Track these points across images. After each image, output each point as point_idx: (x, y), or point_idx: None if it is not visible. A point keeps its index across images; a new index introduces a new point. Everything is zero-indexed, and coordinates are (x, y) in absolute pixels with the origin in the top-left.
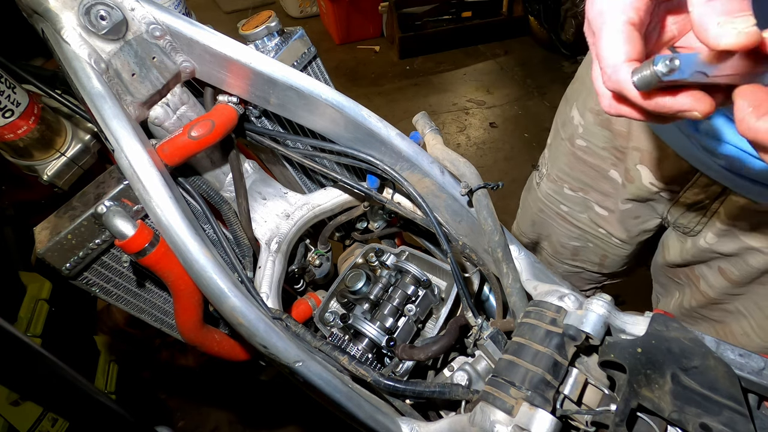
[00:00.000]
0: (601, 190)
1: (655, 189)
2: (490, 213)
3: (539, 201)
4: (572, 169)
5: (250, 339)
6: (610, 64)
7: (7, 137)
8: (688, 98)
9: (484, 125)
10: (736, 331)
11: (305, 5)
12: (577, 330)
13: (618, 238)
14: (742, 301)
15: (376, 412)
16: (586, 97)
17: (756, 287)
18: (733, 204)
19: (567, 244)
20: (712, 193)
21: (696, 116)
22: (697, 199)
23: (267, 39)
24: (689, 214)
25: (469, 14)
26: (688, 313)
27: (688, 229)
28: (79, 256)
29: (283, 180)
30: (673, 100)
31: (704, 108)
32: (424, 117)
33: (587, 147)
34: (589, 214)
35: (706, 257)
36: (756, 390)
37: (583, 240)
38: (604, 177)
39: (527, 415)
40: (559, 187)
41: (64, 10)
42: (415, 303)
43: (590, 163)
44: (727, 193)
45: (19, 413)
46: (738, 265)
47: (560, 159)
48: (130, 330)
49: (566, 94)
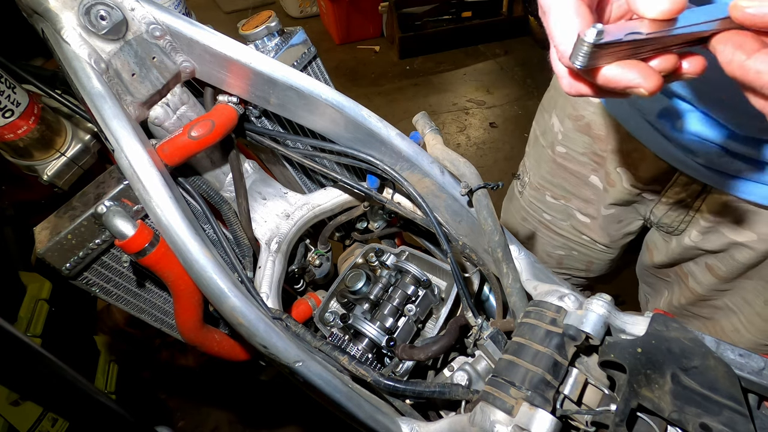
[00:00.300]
0: (583, 197)
1: (637, 191)
2: (490, 213)
3: (522, 210)
4: (554, 176)
5: (250, 339)
6: (561, 41)
7: (7, 137)
8: (635, 73)
9: (484, 125)
10: (726, 327)
11: (305, 5)
12: (577, 330)
13: (602, 244)
14: (730, 296)
15: (376, 412)
16: (563, 104)
17: (743, 282)
18: (715, 201)
19: (552, 253)
20: (694, 191)
21: (642, 93)
22: (678, 198)
23: (267, 39)
24: (672, 213)
25: (469, 14)
26: (677, 311)
27: (672, 228)
28: (79, 256)
29: (283, 180)
30: (620, 73)
31: (650, 85)
32: (424, 117)
33: (567, 153)
34: (572, 222)
35: (693, 255)
36: (756, 390)
37: (567, 248)
38: (585, 183)
39: (527, 415)
40: (541, 195)
41: (64, 10)
42: (415, 303)
43: (571, 170)
44: (709, 190)
45: (19, 413)
46: (724, 260)
47: (542, 167)
48: (130, 330)
49: (542, 102)
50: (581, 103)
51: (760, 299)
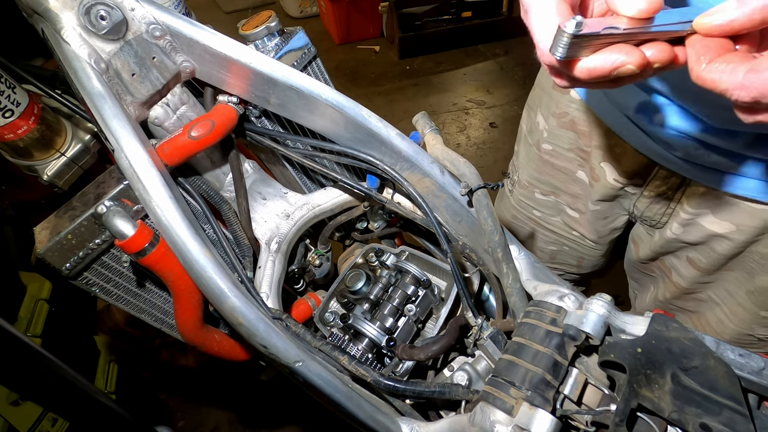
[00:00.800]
0: (571, 192)
1: (620, 185)
2: (490, 213)
3: (512, 208)
4: (541, 173)
5: (250, 339)
6: (542, 38)
7: (7, 137)
8: (617, 53)
9: (484, 125)
10: (711, 319)
11: (305, 5)
12: (577, 330)
13: (590, 240)
14: (713, 288)
15: (376, 412)
16: (548, 102)
17: (725, 274)
18: (694, 193)
19: (545, 249)
20: (673, 184)
21: (632, 69)
22: (659, 191)
23: (267, 39)
24: (654, 206)
25: (469, 14)
26: (663, 305)
27: (655, 221)
28: (79, 256)
29: (283, 180)
30: (603, 58)
31: (636, 59)
32: (424, 117)
33: (553, 150)
34: (562, 217)
35: (674, 248)
36: (756, 390)
37: (559, 244)
38: (572, 179)
39: (527, 415)
40: (530, 193)
41: (64, 10)
42: (415, 303)
43: (558, 166)
44: (688, 183)
45: (19, 413)
46: (705, 252)
47: (530, 165)
48: (130, 330)
49: (528, 101)
50: (564, 100)
51: (742, 290)
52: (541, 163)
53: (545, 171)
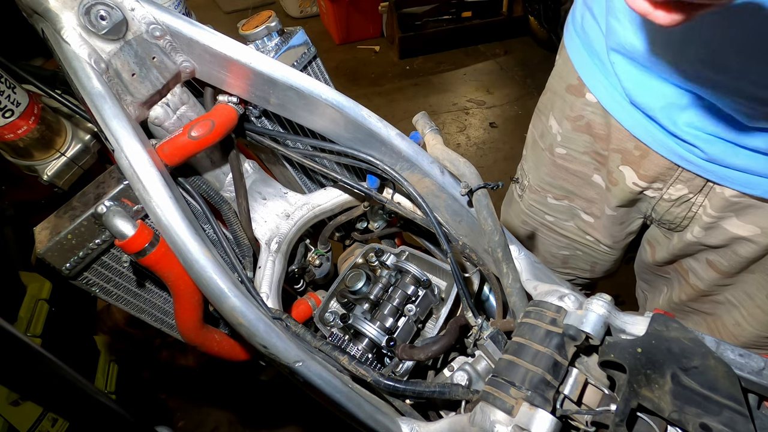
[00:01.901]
0: (586, 196)
1: (639, 189)
2: (490, 213)
3: (522, 213)
4: (554, 178)
5: (250, 339)
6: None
7: (7, 137)
8: None
9: (484, 125)
10: (728, 321)
11: (305, 5)
12: (577, 330)
13: (605, 245)
14: (731, 290)
15: (376, 412)
16: (561, 106)
17: (745, 276)
18: (718, 195)
19: (557, 254)
20: (696, 187)
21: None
22: (681, 194)
23: (267, 39)
24: (675, 209)
25: (469, 14)
26: (678, 307)
27: (674, 225)
28: (79, 256)
29: (283, 180)
30: None
31: None
32: (424, 117)
33: (567, 154)
34: (576, 222)
35: (694, 250)
36: (756, 390)
37: (572, 248)
38: (587, 183)
39: (527, 415)
40: (542, 198)
41: (64, 10)
42: (415, 303)
43: (572, 170)
44: (711, 186)
45: (19, 413)
46: (726, 255)
47: (541, 169)
48: (130, 330)
49: (538, 106)
50: (579, 103)
51: (763, 292)
52: (554, 168)
53: (558, 175)
